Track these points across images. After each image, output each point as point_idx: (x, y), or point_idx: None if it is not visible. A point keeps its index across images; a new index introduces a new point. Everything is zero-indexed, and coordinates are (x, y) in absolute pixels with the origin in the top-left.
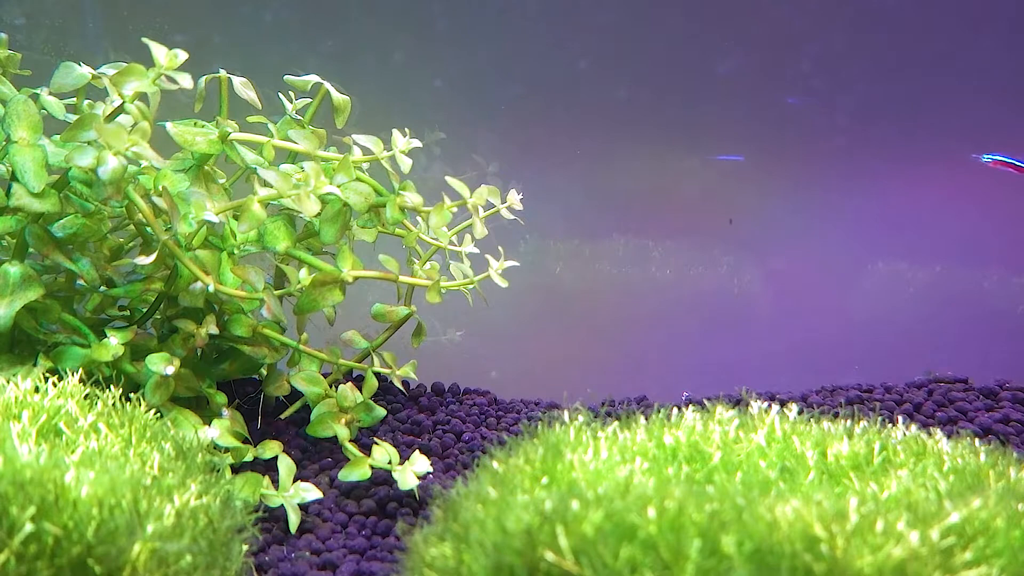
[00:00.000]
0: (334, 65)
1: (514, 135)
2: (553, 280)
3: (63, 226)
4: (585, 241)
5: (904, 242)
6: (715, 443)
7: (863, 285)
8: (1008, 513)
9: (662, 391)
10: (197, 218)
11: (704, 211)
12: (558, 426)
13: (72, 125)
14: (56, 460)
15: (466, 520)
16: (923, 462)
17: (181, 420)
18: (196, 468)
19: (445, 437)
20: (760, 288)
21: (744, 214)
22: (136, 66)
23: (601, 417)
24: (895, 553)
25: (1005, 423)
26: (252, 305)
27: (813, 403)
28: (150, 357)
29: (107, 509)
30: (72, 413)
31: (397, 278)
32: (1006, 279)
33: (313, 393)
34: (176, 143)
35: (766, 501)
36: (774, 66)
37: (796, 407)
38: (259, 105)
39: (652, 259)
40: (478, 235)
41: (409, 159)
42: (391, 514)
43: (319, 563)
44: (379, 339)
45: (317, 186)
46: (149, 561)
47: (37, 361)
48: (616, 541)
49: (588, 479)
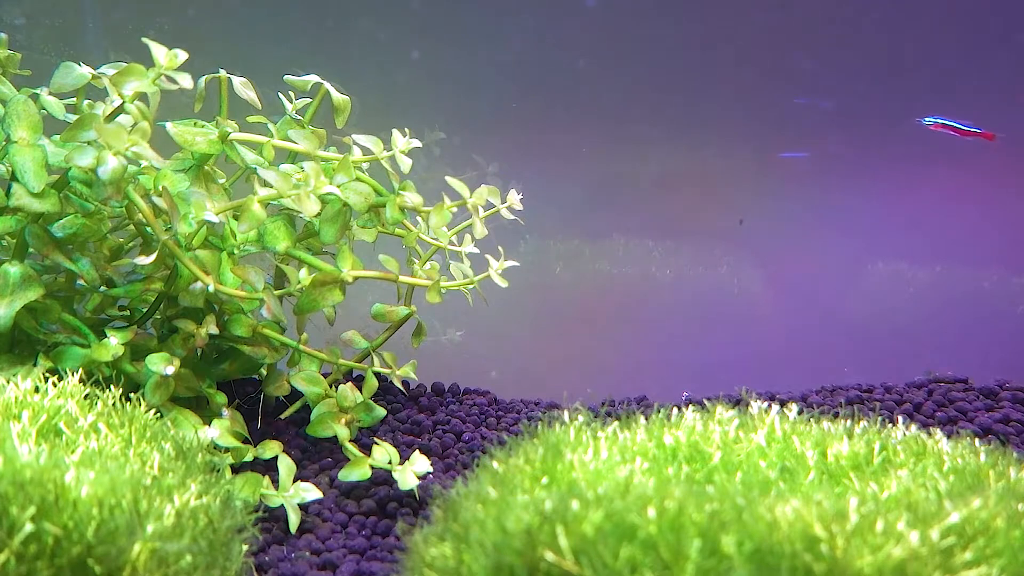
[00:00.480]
0: (334, 65)
1: (514, 135)
2: (553, 280)
3: (63, 226)
4: (585, 241)
5: (904, 242)
6: (715, 443)
7: (863, 285)
8: (1008, 513)
9: (662, 391)
10: (197, 218)
11: (704, 211)
12: (558, 426)
13: (72, 125)
14: (56, 460)
15: (466, 520)
16: (923, 462)
17: (181, 420)
18: (196, 468)
19: (445, 437)
20: (760, 288)
21: (744, 214)
22: (136, 66)
23: (601, 417)
24: (895, 553)
25: (1005, 423)
26: (252, 305)
27: (813, 403)
28: (150, 357)
29: (107, 509)
30: (72, 413)
31: (397, 278)
32: (1006, 279)
33: (313, 393)
34: (176, 143)
35: (766, 501)
36: (774, 66)
37: (796, 407)
38: (259, 105)
39: (652, 259)
40: (478, 235)
41: (409, 159)
42: (391, 514)
43: (319, 563)
44: (379, 339)
45: (317, 186)
46: (149, 561)
47: (37, 361)
48: (616, 541)
49: (588, 479)
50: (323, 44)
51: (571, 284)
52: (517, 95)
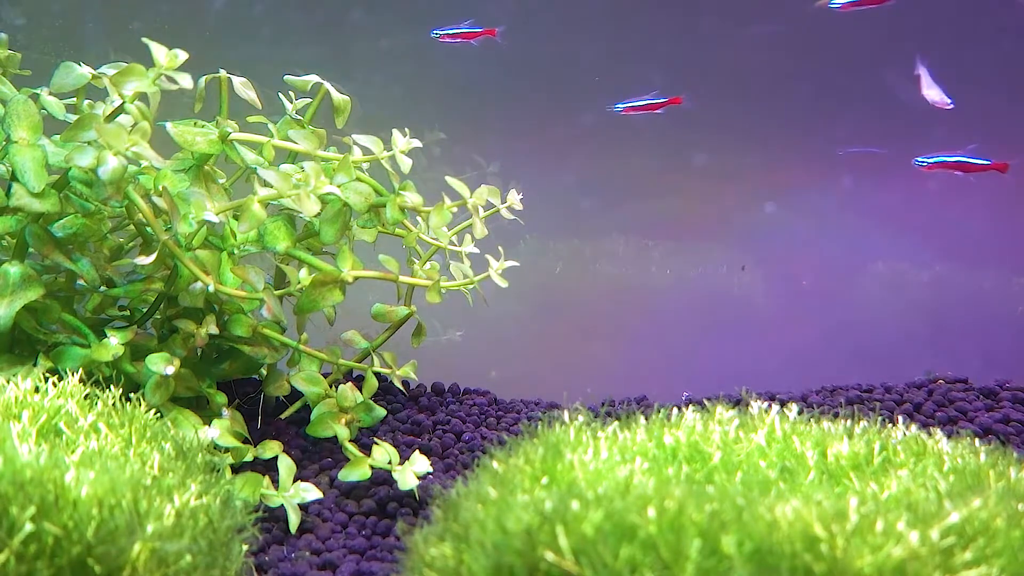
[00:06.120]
0: (334, 65)
1: (514, 135)
2: (553, 280)
3: (63, 226)
4: (585, 241)
5: (904, 242)
6: (715, 443)
7: (863, 285)
8: (1008, 513)
9: (662, 391)
10: (197, 218)
11: (705, 211)
12: (558, 426)
13: (72, 125)
14: (56, 460)
15: (466, 520)
16: (923, 462)
17: (181, 420)
18: (196, 468)
19: (445, 437)
20: (760, 288)
21: (745, 214)
22: (136, 66)
23: (601, 417)
24: (895, 553)
25: (1005, 423)
26: (252, 305)
27: (813, 403)
28: (150, 357)
29: (107, 509)
30: (72, 413)
31: (397, 278)
32: (1006, 279)
33: (313, 393)
34: (176, 143)
35: (766, 501)
36: (775, 65)
37: (796, 407)
38: (259, 105)
39: (652, 259)
40: (478, 235)
41: (409, 159)
42: (391, 514)
43: (319, 563)
44: (379, 339)
45: (317, 186)
46: (149, 561)
47: (37, 361)
48: (616, 541)
49: (588, 479)
50: (323, 44)
51: (571, 284)
52: (517, 95)
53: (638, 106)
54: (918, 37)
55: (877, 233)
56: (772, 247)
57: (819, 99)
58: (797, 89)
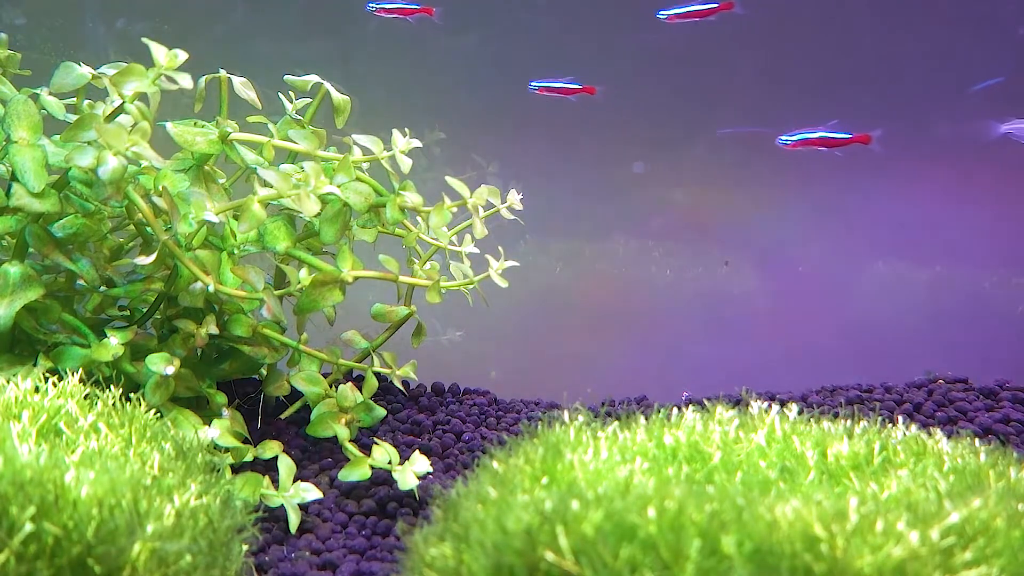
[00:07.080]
0: (334, 65)
1: (514, 135)
2: (553, 280)
3: (63, 226)
4: (585, 241)
5: (904, 242)
6: (715, 443)
7: (863, 285)
8: (1008, 513)
9: (662, 391)
10: (197, 218)
11: (705, 211)
12: (558, 426)
13: (72, 125)
14: (56, 460)
15: (466, 520)
16: (923, 462)
17: (181, 420)
18: (196, 468)
19: (445, 437)
20: (760, 288)
21: (744, 214)
22: (136, 66)
23: (601, 417)
24: (895, 553)
25: (1005, 423)
26: (252, 305)
27: (813, 403)
28: (150, 357)
29: (107, 509)
30: (72, 413)
31: (397, 278)
32: (1006, 279)
33: (313, 393)
34: (176, 143)
35: (766, 501)
36: (775, 65)
37: (796, 407)
38: (259, 105)
39: (652, 259)
40: (478, 235)
41: (409, 159)
42: (391, 514)
43: (319, 563)
44: (379, 339)
45: (317, 186)
46: (149, 561)
47: (37, 361)
48: (616, 541)
49: (588, 479)
50: (323, 44)
51: (571, 284)
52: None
53: (552, 88)
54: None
55: (877, 233)
56: (772, 247)
57: (817, 95)
58: (793, 84)
